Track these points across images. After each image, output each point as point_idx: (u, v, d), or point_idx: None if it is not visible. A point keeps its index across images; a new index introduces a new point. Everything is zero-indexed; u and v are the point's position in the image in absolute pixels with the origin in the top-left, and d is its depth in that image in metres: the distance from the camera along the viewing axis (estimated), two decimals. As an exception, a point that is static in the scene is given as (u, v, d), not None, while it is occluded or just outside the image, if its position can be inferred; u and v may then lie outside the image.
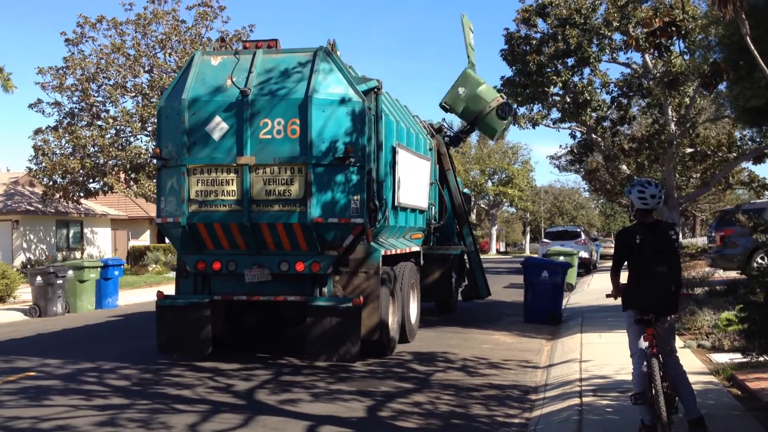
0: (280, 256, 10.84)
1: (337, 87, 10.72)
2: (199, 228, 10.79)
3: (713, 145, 30.19)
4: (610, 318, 14.04)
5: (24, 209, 32.67)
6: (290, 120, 10.50)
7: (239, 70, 10.86)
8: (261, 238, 10.75)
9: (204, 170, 10.70)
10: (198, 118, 10.73)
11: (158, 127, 11.62)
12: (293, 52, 11.09)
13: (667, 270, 6.25)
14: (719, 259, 20.49)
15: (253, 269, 10.85)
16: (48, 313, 18.24)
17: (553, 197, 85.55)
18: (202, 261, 11.03)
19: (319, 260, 10.75)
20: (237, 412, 8.14)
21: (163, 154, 11.03)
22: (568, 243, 31.92)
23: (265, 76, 10.82)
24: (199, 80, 10.92)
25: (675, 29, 8.57)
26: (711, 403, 7.37)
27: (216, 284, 11.23)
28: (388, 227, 11.76)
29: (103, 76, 31.38)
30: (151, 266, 34.54)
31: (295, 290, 11.00)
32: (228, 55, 11.25)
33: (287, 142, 10.52)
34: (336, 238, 10.70)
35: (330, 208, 10.55)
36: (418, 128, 14.43)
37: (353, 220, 10.64)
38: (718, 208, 39.52)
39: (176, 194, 10.84)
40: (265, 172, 10.55)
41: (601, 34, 25.26)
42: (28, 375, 10.45)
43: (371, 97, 10.94)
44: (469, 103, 16.34)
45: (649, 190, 6.34)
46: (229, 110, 10.65)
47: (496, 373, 10.35)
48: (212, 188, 10.68)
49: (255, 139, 10.58)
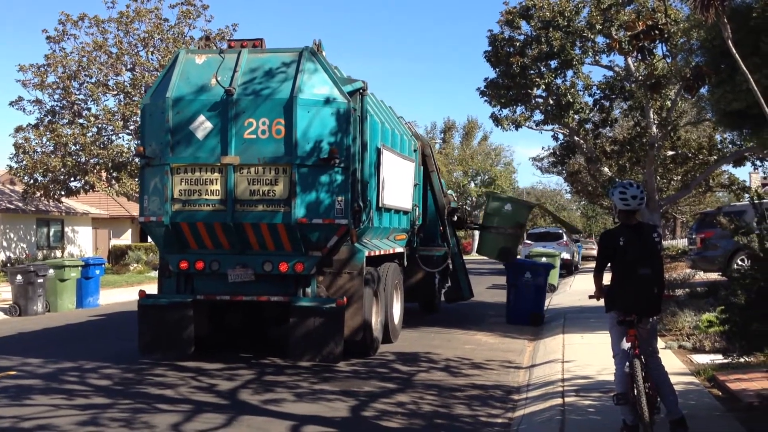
0: (263, 256, 10.83)
1: (322, 87, 10.73)
2: (183, 227, 10.75)
3: (694, 148, 30.37)
4: (592, 319, 14.12)
5: (4, 207, 32.39)
6: (275, 120, 10.51)
7: (224, 69, 10.83)
8: (245, 238, 10.74)
9: (188, 169, 10.66)
10: (182, 116, 10.69)
11: (141, 126, 11.61)
12: (278, 52, 11.09)
13: (650, 272, 6.30)
14: (700, 260, 20.67)
15: (237, 269, 10.81)
16: (28, 312, 18.10)
17: (535, 199, 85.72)
18: (185, 260, 10.99)
19: (302, 261, 10.74)
20: (220, 412, 8.12)
21: (146, 153, 10.96)
22: (550, 244, 32.09)
23: (250, 75, 10.79)
24: (184, 79, 10.87)
25: (658, 32, 8.64)
26: (692, 404, 7.44)
27: (199, 284, 11.20)
28: (372, 228, 11.83)
29: (85, 74, 31.15)
30: (132, 265, 34.32)
31: (278, 290, 10.99)
32: (213, 54, 11.22)
33: (272, 142, 10.52)
34: (320, 239, 10.72)
35: (314, 209, 10.58)
36: (403, 129, 14.49)
37: (337, 221, 10.68)
38: (699, 211, 39.82)
39: (159, 193, 10.80)
40: (250, 172, 10.53)
41: (584, 37, 25.36)
42: (8, 374, 10.37)
43: (356, 98, 10.97)
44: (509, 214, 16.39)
45: (630, 191, 6.40)
46: (213, 109, 10.61)
47: (479, 374, 10.39)
48: (196, 187, 10.65)
49: (239, 138, 10.55)
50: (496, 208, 15.83)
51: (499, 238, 15.47)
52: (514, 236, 15.79)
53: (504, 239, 15.53)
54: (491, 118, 28.85)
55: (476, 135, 75.73)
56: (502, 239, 15.47)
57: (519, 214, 15.70)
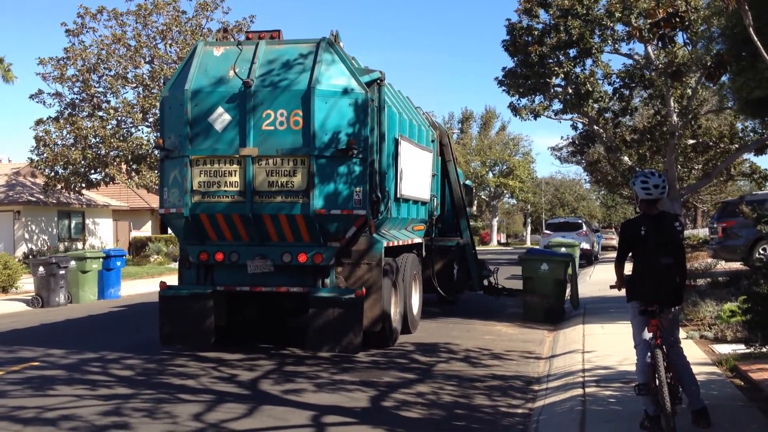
0: (282, 248, 10.83)
1: (339, 78, 10.69)
2: (202, 219, 10.79)
3: (715, 136, 30.12)
4: (612, 309, 14.06)
5: (26, 200, 32.68)
6: (293, 111, 10.48)
7: (242, 61, 10.81)
8: (264, 229, 10.75)
9: (207, 161, 10.68)
10: (200, 109, 10.69)
11: (161, 118, 11.65)
12: (296, 43, 11.06)
13: (672, 261, 6.25)
14: (721, 250, 20.48)
15: (256, 260, 10.84)
16: (50, 303, 18.28)
17: (554, 188, 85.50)
18: (205, 252, 11.04)
19: (321, 251, 10.75)
20: (241, 402, 8.17)
21: (166, 145, 11.04)
22: (569, 234, 31.94)
23: (267, 67, 10.77)
24: (202, 71, 10.87)
25: (678, 20, 8.57)
26: (714, 394, 7.39)
27: (219, 275, 11.25)
28: (390, 219, 11.81)
29: (104, 66, 31.36)
30: (152, 257, 34.57)
31: (297, 281, 11.03)
32: (231, 46, 11.20)
33: (290, 133, 10.49)
34: (338, 230, 10.72)
35: (333, 200, 10.55)
36: (421, 120, 14.44)
37: (356, 212, 10.65)
38: (720, 200, 39.51)
39: (179, 185, 10.84)
40: (268, 164, 10.53)
41: (604, 25, 25.18)
42: (32, 365, 10.48)
43: (374, 89, 10.91)
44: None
45: (652, 180, 6.35)
46: (231, 101, 10.61)
47: (499, 364, 10.37)
48: (215, 179, 10.67)
49: (258, 130, 10.54)
50: (531, 270, 14.91)
51: (543, 301, 14.71)
52: (556, 294, 14.88)
53: (547, 301, 14.72)
54: (509, 108, 28.77)
55: (494, 125, 75.59)
56: (545, 301, 14.69)
57: (557, 271, 14.73)
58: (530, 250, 16.84)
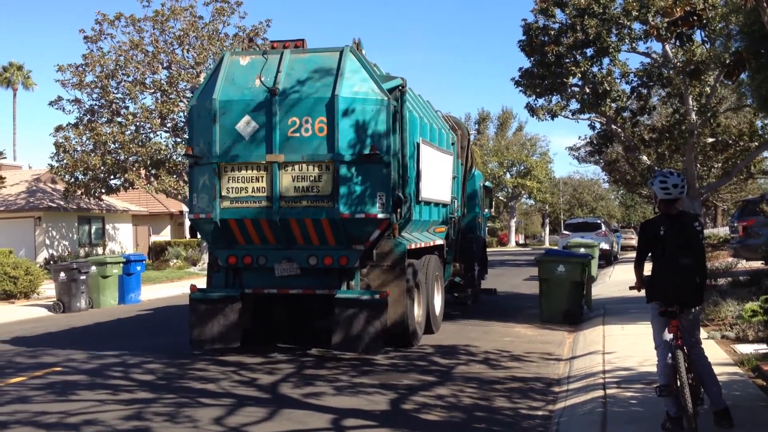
0: (308, 251, 11.11)
1: (362, 85, 10.92)
2: (231, 224, 11.05)
3: (734, 134, 29.91)
4: (633, 309, 13.98)
5: (46, 206, 32.97)
6: (318, 118, 10.73)
7: (267, 70, 11.05)
8: (290, 233, 11.01)
9: (234, 168, 10.96)
10: (228, 117, 10.97)
11: (189, 126, 11.97)
12: (320, 52, 11.29)
13: (692, 262, 6.21)
14: (742, 249, 20.33)
15: (283, 263, 11.11)
16: (72, 308, 18.42)
17: (572, 189, 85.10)
18: (234, 255, 11.33)
19: (346, 254, 11.01)
20: (262, 406, 8.20)
21: (194, 152, 11.30)
22: (588, 235, 31.78)
23: (292, 75, 11.01)
24: (229, 80, 11.16)
25: (696, 18, 8.51)
26: (736, 394, 7.34)
27: (247, 278, 11.52)
28: (412, 221, 12.00)
29: (122, 72, 31.56)
30: (172, 261, 34.77)
31: (323, 284, 11.28)
32: (256, 55, 11.46)
33: (315, 139, 10.75)
34: (363, 233, 10.96)
35: (357, 204, 10.79)
36: (441, 123, 14.60)
37: (379, 216, 10.87)
38: (740, 198, 39.18)
39: (208, 191, 11.13)
40: (294, 170, 10.79)
41: (621, 24, 25.08)
42: (54, 370, 10.57)
43: (396, 95, 11.11)
44: None
45: (671, 180, 6.32)
46: (258, 109, 10.88)
47: (519, 366, 10.34)
48: (243, 185, 10.95)
49: (284, 137, 10.81)
50: (548, 271, 14.73)
51: (562, 301, 14.52)
52: (574, 295, 14.68)
53: (566, 300, 14.53)
54: (526, 108, 28.71)
55: (511, 125, 75.26)
56: (565, 301, 14.52)
57: (574, 272, 14.54)
58: (548, 251, 16.75)
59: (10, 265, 20.78)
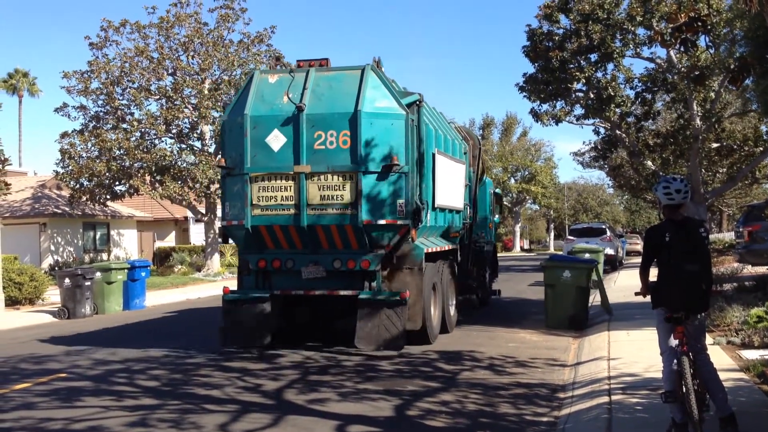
0: (333, 255, 11.93)
1: (383, 101, 11.76)
2: (261, 230, 11.88)
3: (739, 139, 29.85)
4: (638, 315, 13.95)
5: (51, 212, 33.02)
6: (342, 132, 11.56)
7: (294, 87, 11.91)
8: (316, 238, 11.86)
9: (264, 178, 11.81)
10: (258, 131, 11.82)
11: (222, 140, 12.84)
12: (343, 70, 12.13)
13: (698, 268, 6.20)
14: (747, 254, 20.24)
15: (309, 266, 11.92)
16: (77, 314, 18.44)
17: (576, 194, 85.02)
18: (263, 259, 12.12)
19: (368, 258, 11.79)
20: (266, 412, 8.20)
21: (227, 164, 12.15)
22: (593, 240, 31.73)
23: (317, 92, 11.86)
24: (259, 97, 12.01)
25: (700, 24, 8.52)
26: (742, 400, 7.31)
27: (275, 280, 12.31)
28: (429, 227, 12.86)
29: (127, 79, 31.63)
30: (176, 267, 34.80)
31: (347, 285, 12.05)
32: (284, 74, 12.32)
33: (339, 152, 11.59)
34: (384, 238, 11.80)
35: (378, 211, 11.60)
36: (454, 134, 15.43)
37: (399, 222, 11.69)
38: (745, 203, 39.09)
39: (240, 199, 11.93)
40: (320, 180, 11.64)
41: (625, 29, 25.04)
42: (59, 376, 10.59)
43: (413, 109, 11.98)
44: None
45: (673, 185, 6.32)
46: (286, 124, 11.73)
47: (524, 372, 10.33)
48: (272, 194, 11.80)
49: (310, 149, 11.65)
50: (554, 277, 14.70)
51: (567, 307, 14.51)
52: (580, 300, 14.70)
53: (572, 306, 14.52)
54: (531, 114, 28.69)
55: (515, 131, 75.20)
56: (571, 307, 14.50)
57: (579, 278, 14.54)
58: (553, 257, 16.74)
59: (15, 271, 20.82)
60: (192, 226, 44.62)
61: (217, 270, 33.34)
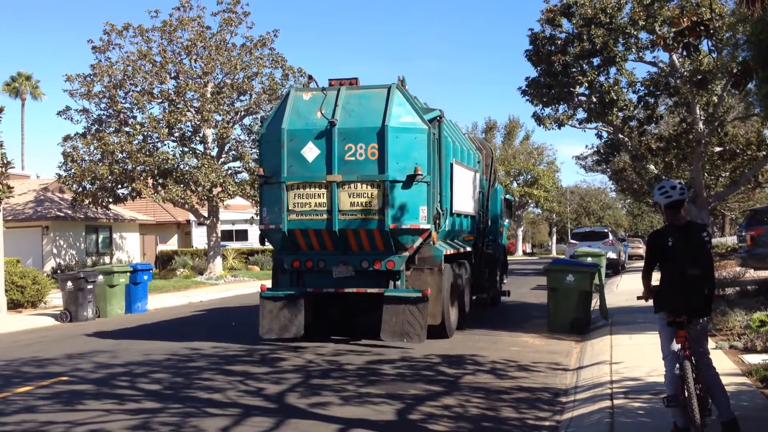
0: (361, 256, 13.03)
1: (407, 117, 12.87)
2: (296, 233, 13.00)
3: (742, 143, 29.85)
4: (640, 319, 13.93)
5: (54, 215, 33.05)
6: (370, 144, 12.68)
7: (327, 104, 13.01)
8: (346, 241, 12.95)
9: (300, 186, 12.91)
10: (294, 143, 12.93)
11: (260, 151, 14.08)
12: (370, 88, 13.26)
13: (700, 272, 6.20)
14: (750, 258, 20.21)
15: (340, 266, 13.01)
16: (79, 318, 18.45)
17: (579, 198, 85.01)
18: (298, 260, 13.29)
19: (393, 259, 12.92)
20: (268, 416, 8.20)
21: (265, 173, 13.26)
22: (595, 244, 31.66)
23: (348, 108, 12.96)
24: (294, 112, 13.11)
25: (703, 29, 8.49)
26: (744, 405, 7.30)
27: (308, 279, 13.44)
28: (447, 231, 13.98)
29: (130, 82, 31.68)
30: (179, 270, 34.81)
31: (373, 283, 13.13)
32: (317, 92, 13.36)
33: (368, 162, 12.70)
34: (407, 241, 12.89)
35: (402, 217, 12.71)
36: (469, 145, 16.65)
37: (422, 226, 12.79)
38: (748, 207, 39.04)
39: (277, 205, 13.02)
40: (350, 188, 12.73)
41: (627, 33, 25.06)
42: (61, 380, 10.59)
43: (435, 124, 13.13)
44: None
45: (668, 184, 6.45)
46: (319, 137, 12.85)
47: (526, 376, 10.31)
48: (306, 201, 12.90)
49: (341, 160, 12.75)
50: (557, 281, 14.67)
51: (570, 310, 14.47)
52: (583, 304, 14.65)
53: (575, 310, 14.49)
54: (533, 118, 28.72)
55: (518, 134, 75.18)
56: (573, 311, 14.46)
57: (582, 282, 14.52)
58: (556, 261, 16.74)
59: (18, 274, 20.83)
60: (194, 230, 44.64)
61: (220, 273, 33.35)
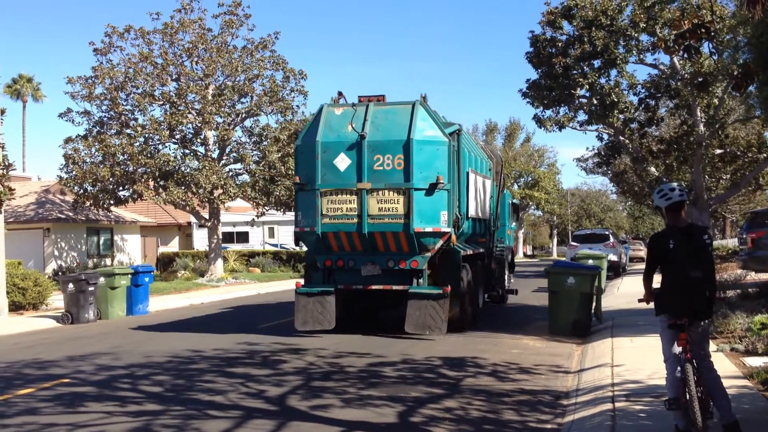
0: (387, 256, 14.37)
1: (430, 131, 14.24)
2: (329, 236, 14.36)
3: (743, 145, 29.80)
4: (641, 322, 13.94)
5: (55, 217, 33.06)
6: (396, 156, 14.02)
7: (357, 119, 14.35)
8: (374, 243, 14.30)
9: (332, 193, 14.28)
10: (328, 154, 14.28)
11: (296, 161, 15.28)
12: (396, 105, 14.61)
13: (701, 275, 6.21)
14: (751, 261, 20.20)
15: (368, 266, 14.33)
16: (80, 319, 18.45)
17: (580, 200, 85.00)
18: (329, 259, 14.70)
19: (417, 259, 14.26)
20: (269, 418, 8.21)
21: (301, 181, 14.55)
22: (596, 246, 31.65)
23: (376, 122, 14.29)
24: (327, 126, 14.49)
25: (704, 31, 8.50)
26: (746, 407, 7.30)
27: (339, 277, 14.85)
28: (464, 233, 15.52)
29: (132, 84, 31.68)
30: (180, 272, 34.79)
31: (398, 281, 14.48)
32: (347, 107, 14.68)
33: (394, 172, 14.06)
34: (429, 243, 14.20)
35: (425, 221, 14.00)
36: (482, 154, 18.07)
37: (443, 229, 14.11)
38: (749, 210, 39.01)
39: (312, 210, 14.36)
40: (378, 195, 14.09)
41: (628, 36, 25.03)
42: (62, 382, 10.60)
43: (454, 137, 14.68)
44: None
45: (666, 187, 6.49)
46: (350, 149, 14.21)
47: (527, 378, 10.32)
48: (338, 206, 14.24)
49: (370, 170, 14.11)
50: (558, 283, 14.72)
51: (571, 313, 14.50)
52: (584, 307, 14.68)
53: (576, 312, 14.51)
54: (534, 120, 28.67)
55: (519, 136, 75.17)
56: (575, 313, 14.49)
57: (584, 284, 14.56)
58: (557, 263, 16.77)
59: (19, 276, 20.83)
60: (195, 232, 44.63)
61: (221, 275, 33.34)
